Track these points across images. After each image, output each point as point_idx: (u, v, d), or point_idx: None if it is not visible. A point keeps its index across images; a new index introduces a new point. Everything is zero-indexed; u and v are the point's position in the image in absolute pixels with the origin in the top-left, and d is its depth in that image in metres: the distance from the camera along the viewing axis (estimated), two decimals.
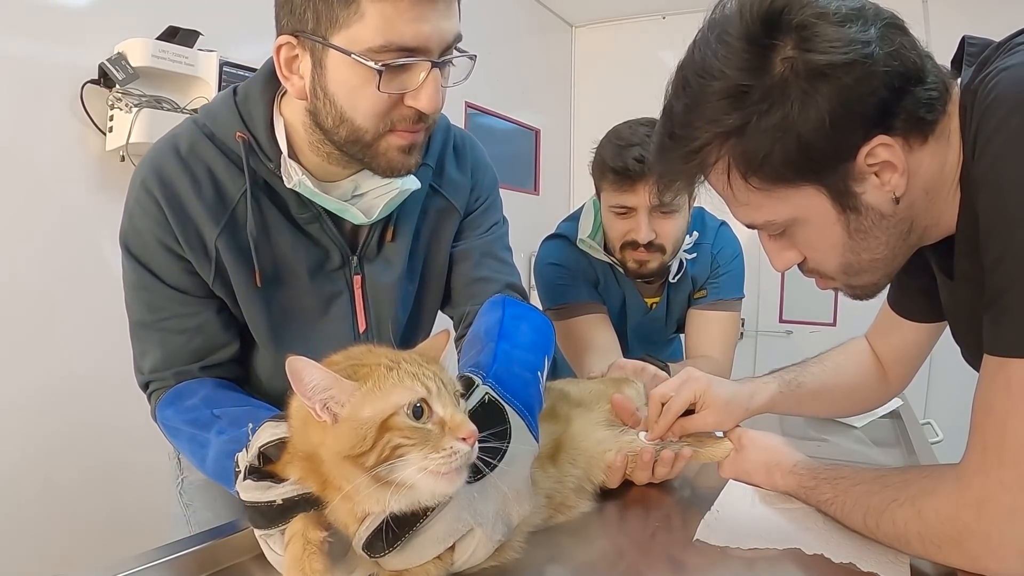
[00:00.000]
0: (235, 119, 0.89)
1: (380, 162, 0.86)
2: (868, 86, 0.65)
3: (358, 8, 0.76)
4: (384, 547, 0.60)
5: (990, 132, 0.63)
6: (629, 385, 1.11)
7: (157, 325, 0.91)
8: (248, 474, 0.66)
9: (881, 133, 0.67)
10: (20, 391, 1.75)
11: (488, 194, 1.09)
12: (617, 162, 1.40)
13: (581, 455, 0.88)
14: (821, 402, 1.07)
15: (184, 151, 0.88)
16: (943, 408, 1.05)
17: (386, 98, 0.80)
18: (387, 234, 0.97)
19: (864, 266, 0.76)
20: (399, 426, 0.58)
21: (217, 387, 0.92)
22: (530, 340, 0.88)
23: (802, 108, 0.66)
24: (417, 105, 0.81)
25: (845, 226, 0.73)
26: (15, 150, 1.73)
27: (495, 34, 3.65)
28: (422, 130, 0.86)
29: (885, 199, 0.71)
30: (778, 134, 0.67)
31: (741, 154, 0.70)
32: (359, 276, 0.96)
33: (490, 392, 0.72)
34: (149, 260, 0.89)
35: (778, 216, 0.74)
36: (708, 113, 0.70)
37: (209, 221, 0.88)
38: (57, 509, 1.79)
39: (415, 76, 0.80)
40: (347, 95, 0.81)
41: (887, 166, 0.69)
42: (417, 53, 0.78)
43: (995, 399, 0.62)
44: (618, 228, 1.49)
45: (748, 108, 0.68)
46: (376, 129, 0.83)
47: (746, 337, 3.67)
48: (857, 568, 0.69)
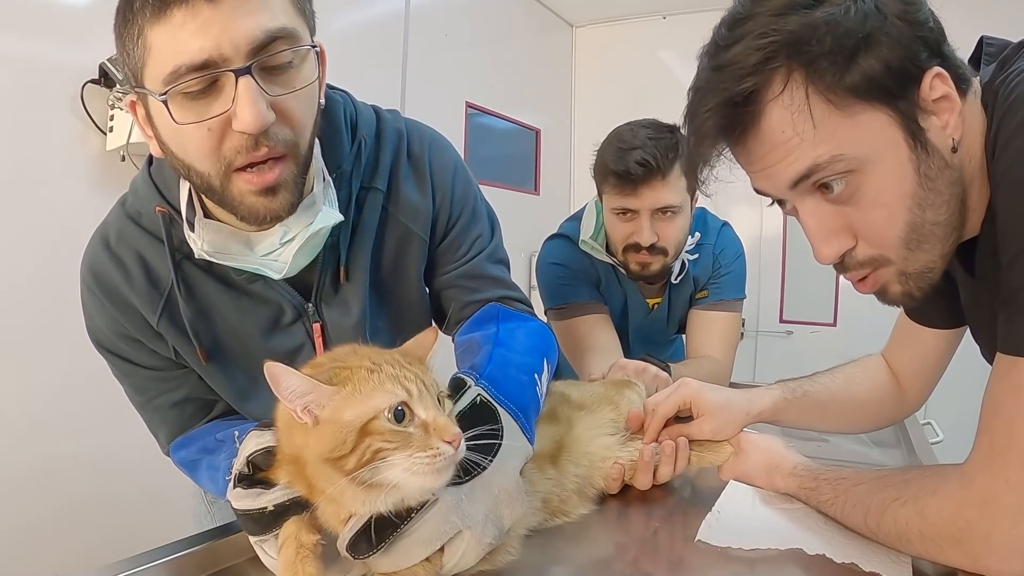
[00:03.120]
0: (152, 192, 0.83)
1: (241, 210, 0.75)
2: (925, 15, 0.65)
3: (145, 42, 0.67)
4: (367, 549, 0.60)
5: (1010, 133, 0.63)
6: (631, 387, 1.10)
7: (149, 406, 0.91)
8: (238, 482, 0.66)
9: (939, 64, 0.65)
10: (20, 391, 1.75)
11: (460, 209, 0.96)
12: (619, 165, 1.40)
13: (584, 457, 0.87)
14: (829, 414, 1.04)
15: (113, 242, 0.84)
16: (943, 408, 1.05)
17: (206, 131, 0.69)
18: (340, 275, 0.87)
19: (928, 231, 0.68)
20: (380, 430, 0.58)
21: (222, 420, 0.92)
22: (527, 345, 0.87)
23: (884, 11, 0.63)
24: (236, 126, 0.68)
25: (916, 168, 0.65)
26: (15, 150, 1.73)
27: (495, 34, 3.65)
28: (269, 160, 0.71)
29: (946, 143, 0.66)
30: (859, 35, 0.62)
31: (815, 59, 0.62)
32: (318, 323, 0.88)
33: (482, 393, 0.71)
34: (118, 350, 0.87)
35: (848, 148, 0.64)
36: (766, 23, 0.63)
37: (147, 307, 0.83)
38: (64, 509, 1.80)
39: (228, 95, 0.67)
40: (174, 140, 0.72)
41: (946, 105, 0.65)
42: (209, 67, 0.66)
43: (1005, 398, 0.62)
44: (620, 231, 1.49)
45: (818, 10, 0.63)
46: (216, 170, 0.71)
47: (746, 337, 3.67)
48: (859, 568, 0.69)
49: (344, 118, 0.88)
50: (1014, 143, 0.63)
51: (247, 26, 0.66)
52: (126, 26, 0.68)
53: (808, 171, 0.66)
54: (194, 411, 0.91)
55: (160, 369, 0.88)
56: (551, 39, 4.20)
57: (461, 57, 3.37)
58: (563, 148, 4.26)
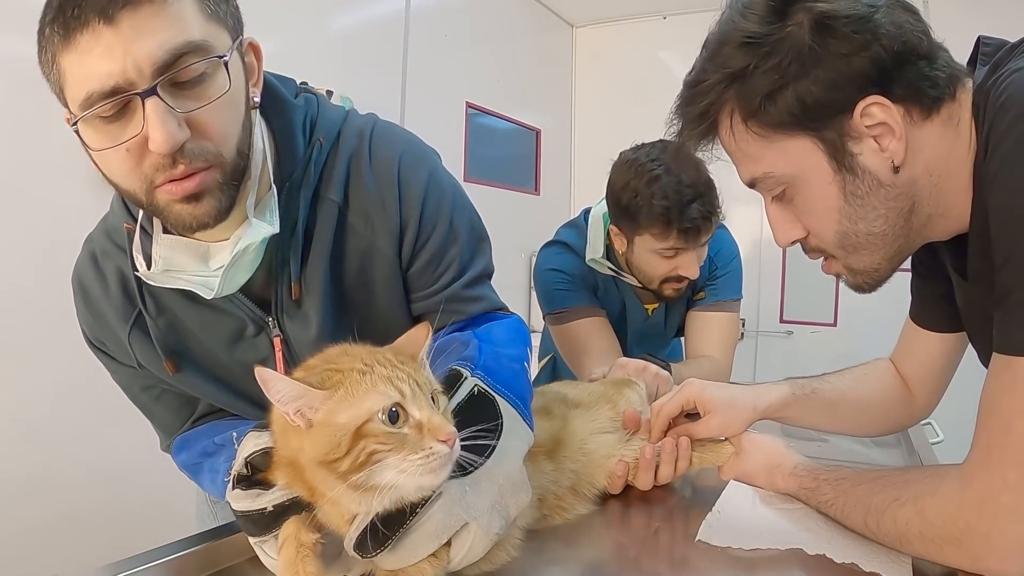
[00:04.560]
0: (122, 209, 0.84)
1: (170, 219, 0.73)
2: (867, 43, 0.69)
3: (59, 69, 0.66)
4: (375, 547, 0.60)
5: (1001, 133, 0.64)
6: (631, 386, 1.10)
7: (137, 401, 0.93)
8: (236, 483, 0.66)
9: (878, 93, 0.69)
10: (21, 392, 1.75)
11: (432, 226, 0.88)
12: (685, 223, 1.38)
13: (581, 453, 0.87)
14: (836, 414, 1.03)
15: (99, 255, 0.87)
16: (943, 408, 1.04)
17: (125, 154, 0.68)
18: (292, 291, 0.83)
19: (861, 240, 0.76)
20: (374, 432, 0.57)
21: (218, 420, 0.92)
22: (506, 337, 0.86)
23: (803, 54, 0.69)
24: (151, 147, 0.66)
25: (841, 188, 0.73)
26: (15, 150, 1.73)
27: (495, 34, 3.65)
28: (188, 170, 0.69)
29: (883, 165, 0.71)
30: (776, 76, 0.71)
31: (743, 96, 0.73)
32: (279, 337, 0.86)
33: (479, 384, 0.71)
34: (103, 346, 0.90)
35: (775, 168, 0.76)
36: (719, 60, 0.74)
37: (119, 321, 0.85)
38: (65, 513, 1.80)
39: (139, 118, 0.66)
40: (101, 161, 0.71)
41: (885, 130, 0.70)
42: (117, 92, 0.64)
43: (1001, 398, 0.62)
44: (664, 267, 1.48)
45: (754, 53, 0.71)
46: (140, 187, 0.70)
47: (746, 337, 3.67)
48: (859, 568, 0.69)
49: (304, 122, 0.85)
50: (1004, 143, 0.63)
51: (148, 47, 0.65)
52: (41, 52, 0.68)
53: (750, 182, 0.80)
54: (179, 406, 0.92)
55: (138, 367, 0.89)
56: (551, 39, 4.21)
57: (461, 57, 3.37)
58: (563, 148, 4.26)
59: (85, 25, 0.63)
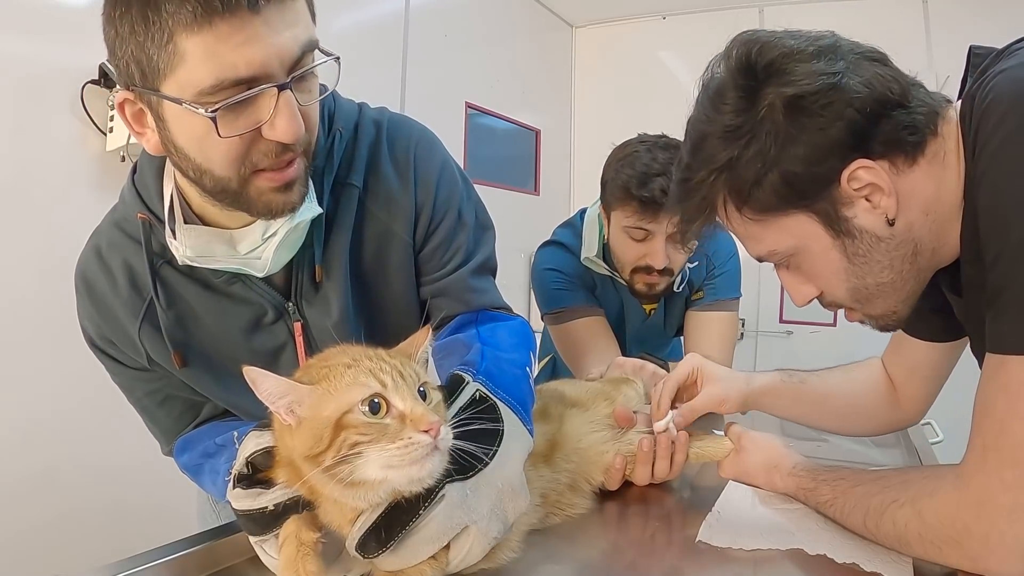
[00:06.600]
0: (135, 200, 0.84)
1: (257, 207, 0.76)
2: (838, 111, 0.69)
3: (175, 49, 0.65)
4: (377, 547, 0.60)
5: (988, 132, 0.64)
6: (628, 384, 1.11)
7: (140, 404, 0.93)
8: (237, 482, 0.66)
9: (860, 157, 0.70)
10: (22, 393, 1.75)
11: (444, 212, 0.92)
12: (644, 191, 1.39)
13: (576, 452, 0.87)
14: (824, 408, 1.05)
15: (104, 250, 0.86)
16: (943, 408, 1.04)
17: (237, 140, 0.70)
18: (316, 274, 0.86)
19: (872, 291, 0.78)
20: (354, 423, 0.58)
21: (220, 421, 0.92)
22: (511, 341, 0.87)
23: (780, 138, 0.71)
24: (274, 137, 0.70)
25: (842, 251, 0.75)
26: (16, 150, 1.73)
27: (495, 34, 3.65)
28: (294, 160, 0.74)
29: (878, 222, 0.73)
30: (760, 163, 0.72)
31: (733, 187, 0.76)
32: (299, 322, 0.88)
33: (481, 388, 0.71)
34: (106, 348, 0.89)
35: (778, 246, 0.78)
36: (705, 154, 0.77)
37: (129, 315, 0.85)
38: (66, 514, 1.80)
39: (264, 106, 0.69)
40: (196, 146, 0.71)
41: (874, 189, 0.71)
42: (256, 82, 0.67)
43: (995, 398, 0.62)
44: (632, 252, 1.49)
45: (735, 144, 0.74)
46: (239, 175, 0.72)
47: (746, 337, 3.67)
48: (860, 568, 0.69)
49: (323, 114, 0.87)
50: (990, 145, 0.64)
51: (290, 39, 0.68)
52: (148, 26, 0.65)
53: (758, 258, 0.83)
54: (182, 411, 0.92)
55: (143, 369, 0.89)
56: (551, 39, 4.20)
57: (461, 57, 3.37)
58: (563, 148, 4.26)
59: (230, 11, 0.63)
